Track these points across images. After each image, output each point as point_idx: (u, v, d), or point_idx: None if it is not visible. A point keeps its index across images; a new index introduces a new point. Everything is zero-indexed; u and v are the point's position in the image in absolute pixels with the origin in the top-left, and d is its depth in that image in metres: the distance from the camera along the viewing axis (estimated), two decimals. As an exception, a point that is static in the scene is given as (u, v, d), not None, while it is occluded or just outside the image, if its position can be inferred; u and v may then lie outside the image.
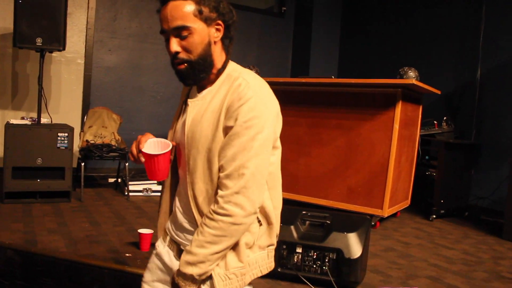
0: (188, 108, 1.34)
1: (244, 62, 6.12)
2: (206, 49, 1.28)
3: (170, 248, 1.44)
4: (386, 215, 3.90)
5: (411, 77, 3.81)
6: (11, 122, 4.25)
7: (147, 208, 4.16)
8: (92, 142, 4.48)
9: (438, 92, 4.23)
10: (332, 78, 4.25)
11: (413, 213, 4.53)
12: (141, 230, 3.00)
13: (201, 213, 1.29)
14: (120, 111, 5.24)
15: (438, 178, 4.33)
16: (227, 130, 1.23)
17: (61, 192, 4.18)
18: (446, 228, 4.12)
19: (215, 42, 1.31)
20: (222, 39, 1.34)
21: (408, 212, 4.53)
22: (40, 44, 4.11)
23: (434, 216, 4.32)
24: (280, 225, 2.55)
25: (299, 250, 2.61)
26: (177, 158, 1.43)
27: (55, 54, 5.15)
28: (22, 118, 4.62)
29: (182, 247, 1.37)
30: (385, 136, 3.86)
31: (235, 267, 1.29)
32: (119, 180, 4.93)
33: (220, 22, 1.30)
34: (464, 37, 4.98)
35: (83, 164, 4.35)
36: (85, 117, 4.84)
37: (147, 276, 1.51)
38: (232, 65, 1.36)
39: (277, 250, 2.63)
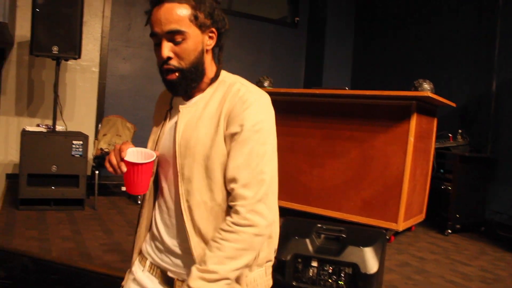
0: (179, 114, 1.26)
1: (256, 72, 6.17)
2: (199, 57, 1.23)
3: (151, 274, 1.34)
4: (401, 229, 3.85)
5: (426, 89, 3.78)
6: (27, 129, 4.28)
7: (160, 217, 4.15)
8: (106, 150, 4.50)
9: (454, 104, 4.20)
10: (346, 89, 4.23)
11: (428, 228, 4.48)
12: None
13: (197, 230, 1.20)
14: (134, 119, 5.26)
15: (454, 192, 4.28)
16: (231, 136, 1.18)
17: (75, 200, 4.20)
18: (462, 243, 4.06)
19: (207, 50, 1.26)
20: (213, 48, 1.29)
21: (422, 226, 4.48)
22: (56, 52, 4.16)
23: (449, 231, 4.26)
24: (296, 238, 2.54)
25: (314, 264, 2.59)
26: (162, 170, 1.32)
27: (70, 62, 5.18)
28: (38, 125, 4.65)
29: (170, 274, 1.28)
30: (400, 149, 3.83)
31: None
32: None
33: (214, 29, 1.25)
34: (479, 48, 4.94)
35: (97, 172, 4.37)
36: (99, 125, 4.86)
37: None
38: (223, 73, 1.31)
39: (291, 264, 2.61)
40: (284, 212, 4.39)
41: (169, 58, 1.20)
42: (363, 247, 2.53)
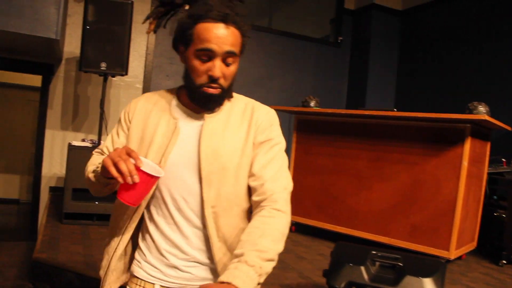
0: (204, 125, 1.29)
1: (298, 91, 6.11)
2: (234, 80, 1.31)
3: None
4: (452, 258, 3.66)
5: (482, 112, 3.62)
6: (73, 143, 4.32)
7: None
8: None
9: (509, 128, 4.01)
10: (394, 110, 4.11)
11: (479, 257, 4.25)
12: None
13: (220, 235, 1.24)
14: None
15: (509, 220, 4.06)
16: (259, 144, 1.30)
17: (117, 216, 4.18)
18: (518, 275, 3.84)
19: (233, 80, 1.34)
20: None
21: (474, 255, 4.25)
22: (104, 69, 4.20)
23: (504, 262, 4.03)
24: (350, 265, 2.42)
25: (369, 293, 2.45)
26: (169, 181, 1.29)
27: (115, 78, 5.25)
28: (83, 140, 4.70)
29: None
30: (453, 173, 3.67)
31: None
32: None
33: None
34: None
35: (139, 188, 4.35)
36: (143, 141, 4.88)
37: None
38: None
39: (345, 292, 2.49)
40: (328, 235, 4.29)
41: (219, 78, 1.25)
42: (422, 278, 2.39)
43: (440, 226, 3.70)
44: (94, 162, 1.41)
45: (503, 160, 4.44)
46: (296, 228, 4.56)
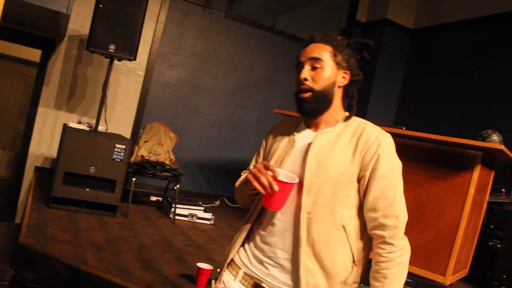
0: (315, 139, 1.41)
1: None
2: (330, 86, 1.42)
3: (243, 284, 1.45)
4: (447, 283, 3.61)
5: (495, 141, 3.59)
6: (69, 125, 4.12)
7: (195, 236, 3.95)
8: (146, 157, 4.33)
9: (517, 159, 3.98)
10: (403, 129, 4.04)
11: (469, 284, 4.21)
12: (200, 265, 2.79)
13: (310, 240, 1.33)
14: (172, 128, 5.10)
15: (504, 250, 4.03)
16: (372, 169, 1.35)
17: (107, 205, 4.01)
18: (509, 307, 3.81)
19: (339, 86, 1.46)
20: (345, 88, 1.48)
21: (464, 282, 4.21)
22: (113, 51, 4.03)
23: (494, 291, 4.00)
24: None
25: (378, 316, 2.36)
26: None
27: (117, 62, 5.07)
28: (79, 122, 4.51)
29: (264, 285, 1.40)
30: (458, 199, 3.61)
31: None
32: (164, 200, 4.74)
33: (348, 72, 1.46)
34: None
35: (134, 179, 4.19)
36: (141, 131, 4.70)
37: None
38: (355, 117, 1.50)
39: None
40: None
41: (305, 79, 1.42)
42: (435, 306, 2.32)
43: (439, 251, 3.64)
44: (242, 179, 1.60)
45: (503, 190, 4.42)
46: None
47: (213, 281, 1.55)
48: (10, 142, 7.41)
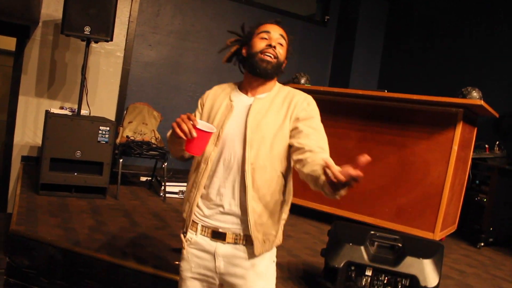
0: (253, 104, 1.68)
1: (284, 68, 5.99)
2: (283, 61, 1.75)
3: (203, 235, 1.68)
4: (437, 239, 3.70)
5: (475, 97, 3.62)
6: (51, 111, 4.09)
7: (186, 212, 3.98)
8: (132, 138, 4.32)
9: (497, 114, 4.04)
10: (385, 91, 4.07)
11: (458, 239, 4.33)
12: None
13: (255, 187, 1.59)
14: (156, 108, 5.08)
15: (489, 204, 4.14)
16: (299, 119, 1.64)
17: (96, 188, 4.02)
18: (497, 258, 3.92)
19: (284, 64, 1.76)
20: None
21: (453, 237, 4.32)
22: (88, 33, 3.97)
23: (481, 244, 4.12)
24: (349, 245, 2.39)
25: (368, 273, 2.43)
26: (225, 145, 1.66)
27: (95, 45, 5.00)
28: (61, 108, 4.47)
29: (221, 230, 1.64)
30: (442, 157, 3.67)
31: (270, 233, 1.67)
32: (153, 179, 4.76)
33: (288, 54, 1.79)
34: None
35: (121, 160, 4.18)
36: (125, 112, 4.68)
37: (185, 265, 1.73)
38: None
39: (344, 271, 2.46)
40: (312, 214, 4.26)
41: (275, 47, 1.69)
42: (423, 259, 2.37)
43: (426, 209, 3.71)
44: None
45: (486, 146, 4.50)
46: (280, 206, 4.51)
47: (182, 236, 1.75)
48: (-6, 134, 7.32)
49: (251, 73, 1.72)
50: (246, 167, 1.60)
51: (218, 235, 1.65)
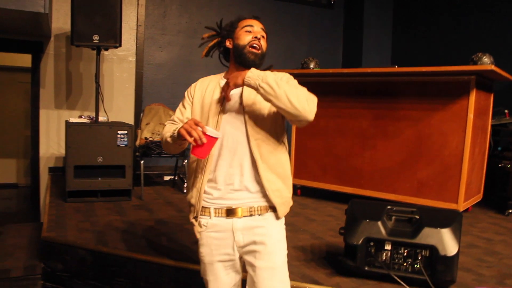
0: (243, 90, 1.78)
1: (294, 55, 6.00)
2: (265, 52, 1.88)
3: (217, 216, 1.78)
4: (461, 210, 3.67)
5: (487, 62, 3.56)
6: (70, 121, 4.22)
7: (209, 205, 4.06)
8: (150, 139, 4.42)
9: (512, 78, 3.97)
10: (396, 67, 4.04)
11: (485, 208, 4.28)
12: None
13: (264, 158, 1.74)
14: (172, 107, 5.16)
15: (514, 170, 4.06)
16: None
17: (121, 191, 4.14)
18: (525, 223, 3.87)
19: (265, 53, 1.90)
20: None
21: (480, 206, 4.28)
22: (97, 41, 4.08)
23: (510, 211, 4.06)
24: (366, 221, 2.41)
25: (388, 247, 2.45)
26: (227, 127, 1.77)
27: (107, 52, 5.12)
28: (80, 116, 4.60)
29: (233, 206, 1.76)
30: (458, 127, 3.64)
31: (286, 196, 1.83)
32: (176, 177, 4.86)
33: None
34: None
35: (142, 162, 4.29)
36: (141, 114, 4.79)
37: (205, 250, 1.82)
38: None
39: (363, 247, 2.48)
40: (334, 197, 4.29)
41: (260, 39, 1.84)
42: (440, 229, 2.38)
43: (447, 180, 3.69)
44: (170, 130, 1.81)
45: (506, 111, 4.42)
46: (302, 191, 4.55)
47: (193, 220, 1.84)
48: (22, 150, 7.57)
49: (240, 63, 1.84)
50: (251, 143, 1.74)
51: (232, 212, 1.76)
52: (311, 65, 4.42)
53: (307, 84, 1.79)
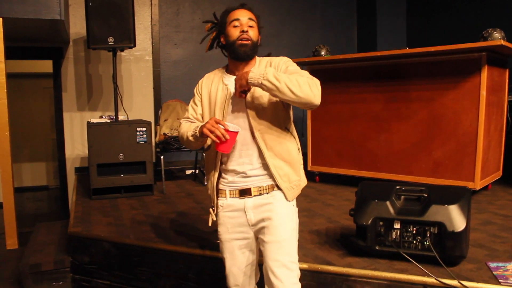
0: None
1: (308, 42, 6.02)
2: (257, 39, 1.96)
3: (232, 197, 1.95)
4: (478, 188, 3.66)
5: (497, 38, 3.52)
6: (91, 121, 4.39)
7: (228, 196, 4.16)
8: (169, 135, 4.55)
9: (527, 52, 3.91)
10: (407, 49, 4.04)
11: (506, 185, 4.24)
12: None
13: (269, 146, 1.87)
14: (189, 103, 5.28)
15: (532, 145, 4.01)
16: (281, 71, 1.89)
17: (143, 186, 4.28)
18: (546, 198, 3.82)
19: (258, 41, 1.97)
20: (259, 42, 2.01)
21: (500, 184, 4.24)
22: (112, 43, 4.21)
23: (530, 187, 4.02)
24: (375, 201, 2.46)
25: (397, 226, 2.49)
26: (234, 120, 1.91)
27: (124, 53, 5.27)
28: (101, 117, 4.77)
29: (246, 186, 1.92)
30: (472, 105, 3.63)
31: (295, 180, 1.95)
32: (197, 171, 4.98)
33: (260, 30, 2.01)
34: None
35: (162, 157, 4.43)
36: (160, 111, 4.92)
37: (222, 228, 1.98)
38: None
39: (373, 227, 2.53)
40: (351, 181, 4.33)
41: (247, 31, 1.90)
42: (448, 205, 2.41)
43: (463, 159, 3.68)
44: (189, 128, 1.94)
45: (523, 86, 4.35)
46: (320, 178, 4.61)
47: (210, 209, 2.04)
48: (51, 153, 7.86)
49: (234, 58, 1.95)
50: (256, 133, 1.88)
51: (244, 192, 1.93)
52: (322, 52, 4.45)
53: (318, 72, 1.89)
